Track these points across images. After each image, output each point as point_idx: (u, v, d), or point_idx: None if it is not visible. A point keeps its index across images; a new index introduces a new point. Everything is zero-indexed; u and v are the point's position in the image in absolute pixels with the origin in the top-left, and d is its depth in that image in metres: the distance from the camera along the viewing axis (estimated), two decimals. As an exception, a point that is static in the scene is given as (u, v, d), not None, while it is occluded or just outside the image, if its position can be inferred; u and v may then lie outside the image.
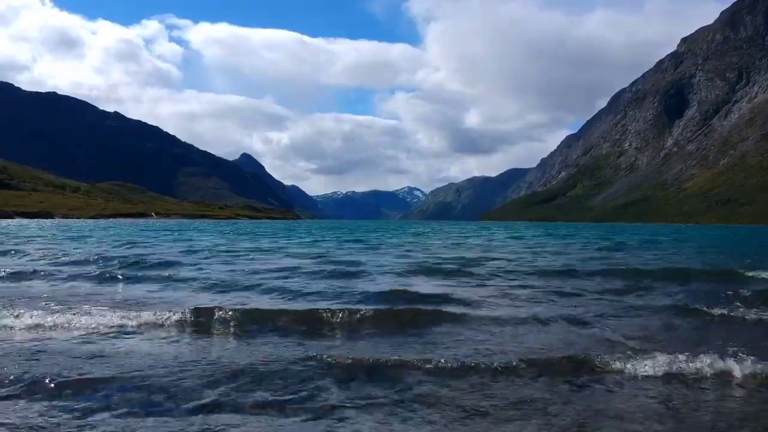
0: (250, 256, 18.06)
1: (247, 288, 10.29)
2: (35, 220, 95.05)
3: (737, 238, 44.78)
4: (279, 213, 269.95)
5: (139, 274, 12.28)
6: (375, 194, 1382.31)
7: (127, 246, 22.96)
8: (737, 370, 5.01)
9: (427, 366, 5.12)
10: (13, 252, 17.96)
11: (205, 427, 3.76)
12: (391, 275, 12.83)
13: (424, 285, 11.20)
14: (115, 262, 14.76)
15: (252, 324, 6.99)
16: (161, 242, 26.84)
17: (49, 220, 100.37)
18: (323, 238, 35.28)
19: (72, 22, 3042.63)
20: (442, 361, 5.23)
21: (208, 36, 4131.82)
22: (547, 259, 18.31)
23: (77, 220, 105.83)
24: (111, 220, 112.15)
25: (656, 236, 46.44)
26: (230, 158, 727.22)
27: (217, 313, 7.20)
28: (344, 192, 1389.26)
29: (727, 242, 35.82)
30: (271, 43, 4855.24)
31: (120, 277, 11.67)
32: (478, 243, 30.13)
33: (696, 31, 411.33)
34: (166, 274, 12.05)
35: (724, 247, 30.19)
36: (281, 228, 67.16)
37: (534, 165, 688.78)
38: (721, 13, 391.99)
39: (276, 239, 32.36)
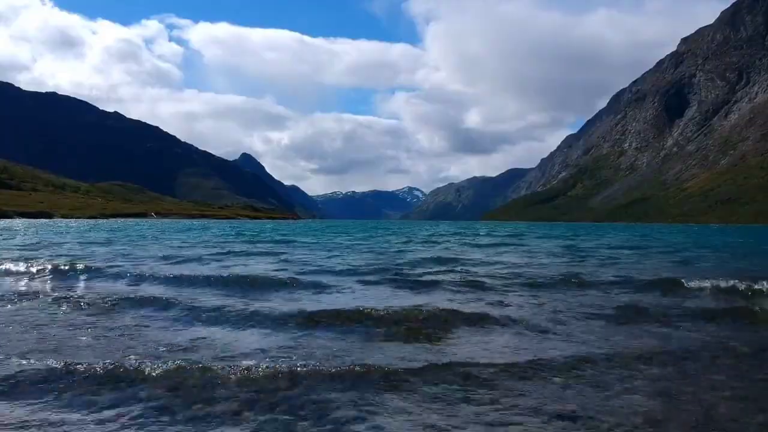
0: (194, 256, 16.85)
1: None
2: (34, 220, 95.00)
3: (761, 239, 44.53)
4: (279, 213, 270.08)
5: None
6: (375, 194, 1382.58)
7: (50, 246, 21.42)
8: None
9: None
10: None
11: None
12: (354, 284, 10.51)
13: (393, 299, 8.80)
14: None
15: None
16: (122, 243, 24.56)
17: (48, 220, 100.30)
18: (295, 239, 31.43)
19: (72, 22, 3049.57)
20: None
21: (208, 36, 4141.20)
22: (545, 262, 16.34)
23: (77, 220, 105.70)
24: (111, 220, 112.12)
25: (671, 236, 46.33)
26: (230, 158, 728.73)
27: None
28: (344, 192, 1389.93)
29: (752, 244, 35.22)
30: (271, 43, 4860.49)
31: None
32: (488, 243, 29.82)
33: (696, 31, 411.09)
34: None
35: (751, 248, 29.56)
36: (273, 228, 67.07)
37: (534, 165, 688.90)
38: (721, 13, 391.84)
39: (249, 241, 29.05)
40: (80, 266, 12.29)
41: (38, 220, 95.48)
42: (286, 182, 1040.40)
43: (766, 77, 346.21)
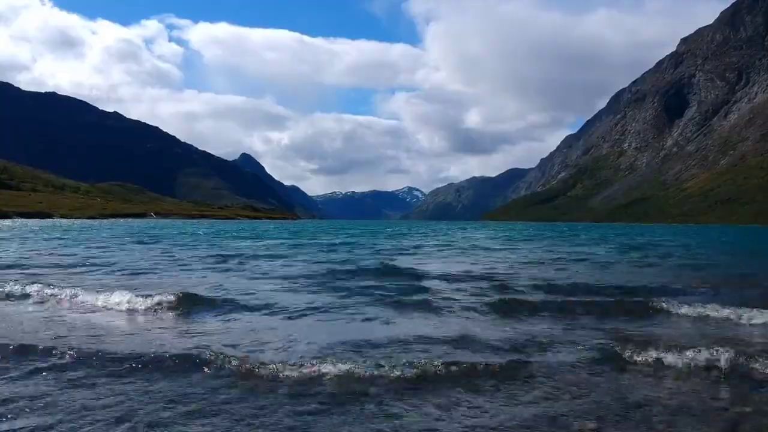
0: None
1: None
2: (34, 220, 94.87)
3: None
4: (279, 213, 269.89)
5: None
6: (375, 194, 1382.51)
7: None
8: None
9: None
10: None
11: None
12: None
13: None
14: None
15: None
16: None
17: (48, 220, 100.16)
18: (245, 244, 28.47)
19: (72, 22, 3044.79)
20: None
21: (208, 36, 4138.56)
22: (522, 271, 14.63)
23: (76, 220, 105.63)
24: (112, 220, 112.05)
25: (672, 238, 46.15)
26: (230, 158, 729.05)
27: None
28: (344, 192, 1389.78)
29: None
30: (271, 43, 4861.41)
31: None
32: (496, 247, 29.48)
33: (696, 31, 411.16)
34: None
35: None
36: (265, 228, 67.00)
37: (534, 165, 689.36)
38: (721, 13, 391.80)
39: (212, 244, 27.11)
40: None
41: (36, 220, 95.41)
42: (286, 182, 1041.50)
43: (766, 77, 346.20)
